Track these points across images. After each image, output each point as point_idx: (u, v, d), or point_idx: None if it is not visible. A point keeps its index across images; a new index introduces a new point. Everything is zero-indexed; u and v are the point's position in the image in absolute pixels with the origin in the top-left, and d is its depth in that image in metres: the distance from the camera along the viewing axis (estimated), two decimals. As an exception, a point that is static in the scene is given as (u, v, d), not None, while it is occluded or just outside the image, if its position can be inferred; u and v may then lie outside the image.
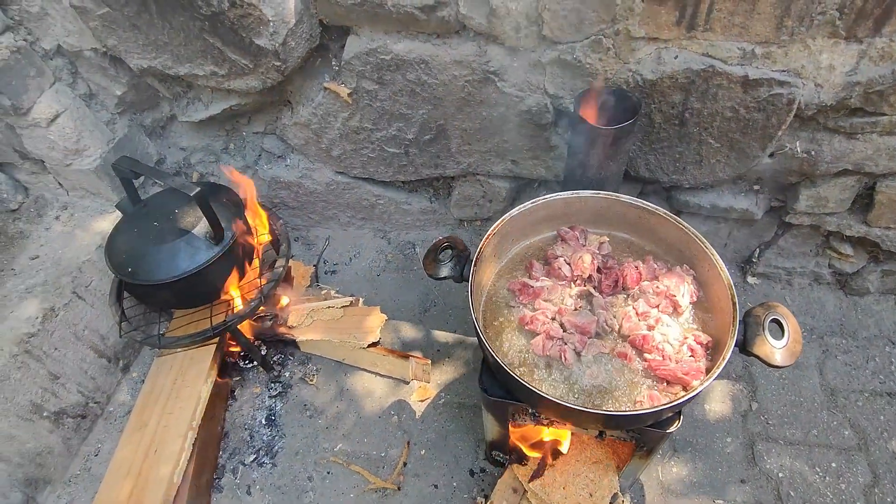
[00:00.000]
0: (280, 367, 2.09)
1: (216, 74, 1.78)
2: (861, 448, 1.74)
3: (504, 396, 1.31)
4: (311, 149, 2.10)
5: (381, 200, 2.28)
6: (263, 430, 1.94)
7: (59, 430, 1.86)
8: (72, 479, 1.87)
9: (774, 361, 1.12)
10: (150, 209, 1.77)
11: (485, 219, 2.30)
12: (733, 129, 1.59)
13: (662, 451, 1.76)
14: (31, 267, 1.94)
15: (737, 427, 1.81)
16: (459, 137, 1.91)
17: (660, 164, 1.77)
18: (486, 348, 1.20)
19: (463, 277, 1.36)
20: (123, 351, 2.10)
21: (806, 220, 1.84)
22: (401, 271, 2.36)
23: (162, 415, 1.82)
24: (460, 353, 2.09)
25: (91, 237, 2.03)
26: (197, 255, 1.63)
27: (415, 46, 1.66)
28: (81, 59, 1.87)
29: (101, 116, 2.03)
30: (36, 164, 2.08)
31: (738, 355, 1.93)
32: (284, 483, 1.82)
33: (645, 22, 1.43)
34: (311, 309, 2.08)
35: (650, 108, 1.60)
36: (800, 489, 1.68)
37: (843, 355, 1.94)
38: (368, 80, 1.77)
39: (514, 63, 1.63)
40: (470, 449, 1.84)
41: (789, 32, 1.36)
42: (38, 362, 1.77)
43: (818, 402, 1.85)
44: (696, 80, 1.50)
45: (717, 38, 1.42)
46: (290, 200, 2.34)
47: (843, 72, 1.41)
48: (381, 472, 1.81)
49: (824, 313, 2.05)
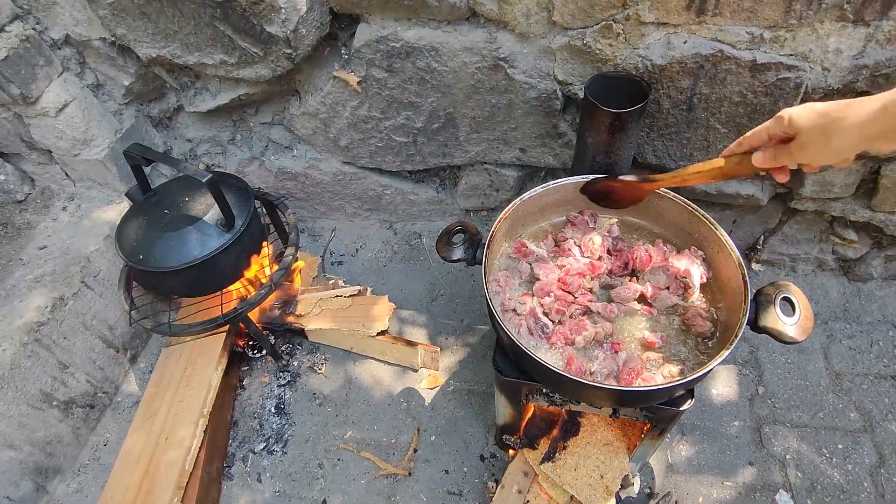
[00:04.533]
0: (288, 356, 2.10)
1: (226, 63, 1.78)
2: (866, 430, 1.76)
3: (518, 377, 1.32)
4: (319, 139, 2.11)
5: (387, 191, 2.29)
6: (273, 419, 1.94)
7: (69, 420, 1.86)
8: (81, 469, 1.88)
9: (787, 337, 1.13)
10: (160, 197, 1.77)
11: (491, 208, 2.31)
12: (741, 114, 1.61)
13: (671, 435, 1.78)
14: (40, 257, 1.94)
15: (744, 411, 1.83)
16: (468, 126, 1.92)
17: (667, 151, 1.78)
18: (501, 327, 1.21)
19: (476, 260, 1.37)
20: (131, 341, 2.10)
21: (811, 205, 1.86)
22: (407, 261, 2.37)
23: (172, 403, 1.82)
24: (468, 340, 2.10)
25: (99, 227, 2.03)
26: (208, 242, 1.63)
27: (425, 33, 1.67)
28: (89, 48, 1.87)
29: (108, 107, 2.03)
30: (43, 155, 2.08)
31: (745, 341, 1.98)
32: (295, 470, 1.82)
33: (655, 7, 1.44)
34: (319, 298, 2.09)
35: (659, 94, 1.62)
36: (807, 471, 1.70)
37: (847, 340, 1.97)
38: (378, 68, 1.78)
39: (524, 49, 1.65)
40: (480, 435, 1.85)
41: (797, 16, 1.38)
42: (47, 351, 1.77)
43: (824, 385, 1.87)
44: (704, 65, 1.51)
45: (726, 23, 1.44)
46: (296, 191, 2.34)
47: (850, 55, 1.43)
48: (391, 459, 1.82)
49: (828, 299, 2.07)
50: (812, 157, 0.90)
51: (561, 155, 1.94)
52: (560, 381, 1.21)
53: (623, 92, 1.54)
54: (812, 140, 0.88)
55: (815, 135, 0.87)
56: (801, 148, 0.90)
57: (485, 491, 1.72)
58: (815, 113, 0.87)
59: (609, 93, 1.50)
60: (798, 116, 0.89)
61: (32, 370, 1.72)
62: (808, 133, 0.88)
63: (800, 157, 0.91)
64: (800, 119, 0.89)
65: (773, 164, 0.97)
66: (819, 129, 0.86)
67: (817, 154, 0.89)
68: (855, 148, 0.85)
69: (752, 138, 1.00)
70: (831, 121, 0.84)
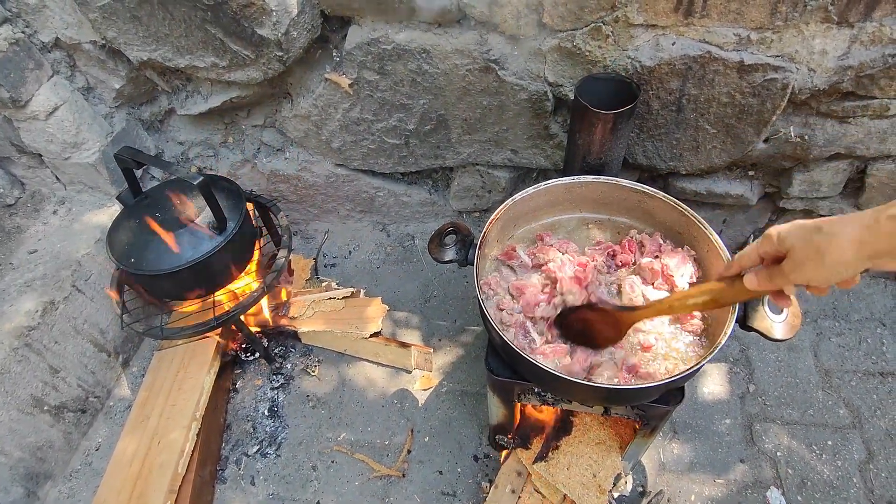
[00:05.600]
0: (282, 359, 2.09)
1: (217, 66, 1.78)
2: (855, 426, 1.78)
3: (510, 377, 1.33)
4: (311, 141, 2.11)
5: (380, 193, 2.30)
6: (266, 422, 1.94)
7: (60, 425, 1.85)
8: (73, 474, 1.86)
9: (774, 335, 1.14)
10: (151, 200, 1.76)
11: (483, 210, 2.32)
12: (729, 114, 1.63)
13: (663, 433, 1.79)
14: (30, 261, 1.93)
15: (735, 409, 1.85)
16: (460, 127, 1.93)
17: (657, 151, 1.80)
18: (492, 327, 1.21)
19: (468, 261, 1.37)
20: (123, 345, 2.09)
21: (799, 204, 1.88)
22: (400, 263, 2.38)
23: (165, 406, 1.81)
24: (461, 341, 2.10)
25: (90, 231, 2.03)
26: (200, 245, 1.63)
27: (416, 36, 1.67)
28: (80, 51, 1.87)
29: (99, 110, 2.03)
30: (33, 159, 2.07)
31: (736, 340, 1.99)
32: (288, 473, 1.82)
33: (643, 9, 1.46)
34: (312, 300, 2.09)
35: (648, 95, 1.63)
36: (797, 467, 1.71)
37: (836, 337, 1.99)
38: (369, 70, 1.78)
39: (515, 51, 1.66)
40: (474, 435, 1.85)
41: (783, 18, 1.40)
42: (38, 356, 1.76)
43: (813, 382, 1.89)
44: (693, 66, 1.53)
45: (714, 24, 1.46)
46: (289, 194, 2.34)
47: (836, 56, 1.45)
48: (385, 460, 1.82)
49: (817, 297, 2.09)
50: (810, 276, 0.80)
51: (552, 156, 1.95)
52: (551, 381, 1.21)
53: (613, 93, 1.55)
54: (806, 258, 0.79)
55: (809, 252, 0.79)
56: (796, 267, 0.81)
57: (478, 491, 1.72)
58: (805, 229, 0.80)
59: (599, 94, 1.52)
60: (787, 233, 0.82)
61: (23, 375, 1.71)
62: (801, 251, 0.80)
63: (795, 278, 0.82)
64: (789, 236, 0.82)
65: (769, 286, 0.87)
66: (812, 247, 0.78)
67: (814, 273, 0.79)
68: (855, 266, 0.76)
69: (742, 259, 0.92)
70: (823, 236, 0.76)
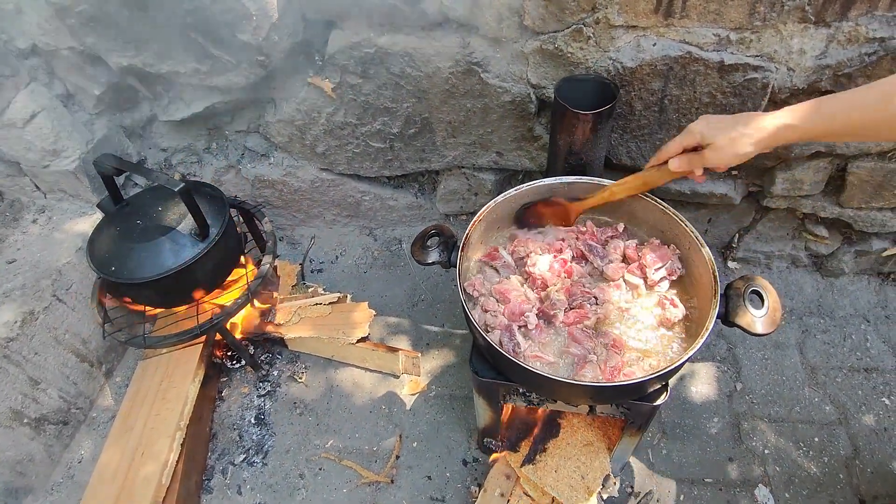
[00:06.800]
0: (268, 366, 2.07)
1: (199, 71, 1.77)
2: (841, 422, 1.79)
3: (495, 378, 1.32)
4: (296, 146, 2.10)
5: (366, 197, 2.29)
6: (253, 430, 1.92)
7: (41, 437, 1.81)
8: (54, 488, 1.83)
9: (756, 330, 1.15)
10: (132, 208, 1.74)
11: (470, 213, 2.32)
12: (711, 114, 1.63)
13: (651, 434, 1.79)
14: (9, 271, 1.89)
15: (723, 407, 1.85)
16: (444, 130, 1.93)
17: (641, 152, 1.80)
18: (476, 329, 1.21)
19: (451, 263, 1.37)
20: (106, 355, 2.06)
21: (782, 203, 1.90)
22: (388, 267, 2.36)
23: (148, 417, 1.79)
24: (450, 345, 2.09)
25: (71, 239, 2.00)
26: (182, 252, 1.61)
27: (399, 39, 1.67)
28: (58, 58, 1.84)
29: (79, 117, 2.00)
30: (11, 167, 2.03)
31: (723, 338, 2.00)
32: (276, 481, 1.80)
33: (624, 10, 1.46)
34: (298, 306, 2.07)
35: (630, 96, 1.64)
36: (785, 464, 1.72)
37: (821, 334, 2.00)
38: (352, 74, 1.78)
39: (497, 54, 1.66)
40: (462, 439, 1.84)
41: (761, 18, 1.41)
42: (17, 367, 1.73)
43: (800, 379, 1.90)
44: (674, 67, 1.54)
45: (693, 25, 1.47)
46: (274, 199, 2.33)
47: (814, 55, 1.46)
48: (373, 466, 1.80)
49: (802, 295, 2.10)
50: (719, 161, 1.13)
51: (537, 158, 1.95)
52: (535, 380, 1.21)
53: (593, 94, 1.56)
54: (722, 148, 1.11)
55: (725, 144, 1.10)
56: (713, 154, 1.13)
57: (468, 495, 1.71)
58: (723, 123, 1.11)
59: (580, 95, 1.52)
60: (705, 129, 1.13)
61: (1, 388, 1.67)
62: (720, 142, 1.11)
63: (709, 161, 1.14)
64: (709, 131, 1.12)
65: (688, 167, 1.19)
66: (728, 139, 1.10)
67: (723, 159, 1.12)
68: (750, 155, 1.10)
69: (668, 150, 1.21)
70: (738, 133, 1.08)
